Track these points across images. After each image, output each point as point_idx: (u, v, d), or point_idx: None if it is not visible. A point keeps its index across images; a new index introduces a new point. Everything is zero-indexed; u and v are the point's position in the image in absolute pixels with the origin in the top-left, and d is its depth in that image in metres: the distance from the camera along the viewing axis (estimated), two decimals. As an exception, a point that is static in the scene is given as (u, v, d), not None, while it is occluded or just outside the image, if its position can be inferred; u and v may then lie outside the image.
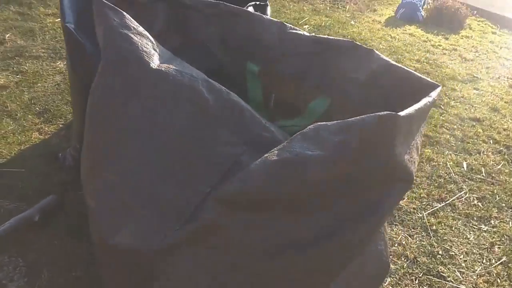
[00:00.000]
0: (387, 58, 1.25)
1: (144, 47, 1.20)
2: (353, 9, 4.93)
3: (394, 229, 2.09)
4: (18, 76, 2.61)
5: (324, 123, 1.04)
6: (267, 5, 2.07)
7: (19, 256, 1.59)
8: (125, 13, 1.24)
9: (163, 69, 1.18)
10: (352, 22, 4.46)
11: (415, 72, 1.19)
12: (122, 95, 1.17)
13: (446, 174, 2.49)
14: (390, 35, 4.31)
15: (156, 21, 1.34)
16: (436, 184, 2.40)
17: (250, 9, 1.92)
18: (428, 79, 1.16)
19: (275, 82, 1.41)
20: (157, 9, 1.33)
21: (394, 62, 1.24)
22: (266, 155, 1.06)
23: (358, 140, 0.97)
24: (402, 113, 0.94)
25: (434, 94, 1.07)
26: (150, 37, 1.24)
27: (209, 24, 1.37)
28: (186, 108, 1.17)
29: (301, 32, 1.35)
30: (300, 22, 4.17)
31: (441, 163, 2.57)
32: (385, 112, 0.94)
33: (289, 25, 1.36)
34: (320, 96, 1.36)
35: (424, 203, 2.28)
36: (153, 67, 1.18)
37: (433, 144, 2.74)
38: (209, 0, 1.35)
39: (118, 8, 1.23)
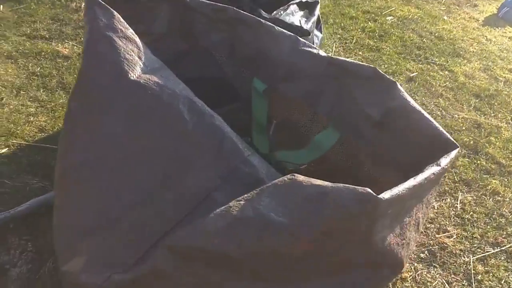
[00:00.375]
0: (408, 97, 1.02)
1: (128, 53, 1.08)
2: (450, 2, 4.44)
3: (432, 271, 1.83)
4: (82, 47, 2.62)
5: (302, 179, 0.86)
6: (317, 3, 1.85)
7: (29, 240, 1.57)
8: (115, 13, 1.11)
9: (142, 81, 1.05)
10: (445, 17, 4.02)
11: (436, 124, 0.96)
12: (96, 107, 1.06)
13: (510, 214, 2.15)
14: (485, 36, 3.82)
15: (157, 22, 1.20)
16: (495, 224, 2.08)
17: (293, 7, 1.72)
18: (448, 136, 0.92)
19: (281, 104, 1.22)
20: (159, 9, 1.19)
21: (415, 104, 1.01)
22: (230, 204, 0.91)
23: (329, 215, 0.78)
24: (386, 196, 0.74)
25: (444, 161, 0.84)
26: (138, 42, 1.11)
27: (215, 30, 1.21)
28: (161, 129, 1.04)
29: (315, 50, 1.14)
30: (383, 12, 3.82)
31: (508, 199, 2.23)
32: (366, 191, 0.74)
33: (303, 40, 1.16)
34: (329, 128, 1.16)
35: (474, 245, 1.98)
36: (132, 77, 1.05)
37: (504, 174, 2.38)
38: (217, 4, 1.19)
39: (108, 7, 1.11)
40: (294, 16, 1.69)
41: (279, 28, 1.16)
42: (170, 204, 1.00)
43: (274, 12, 1.63)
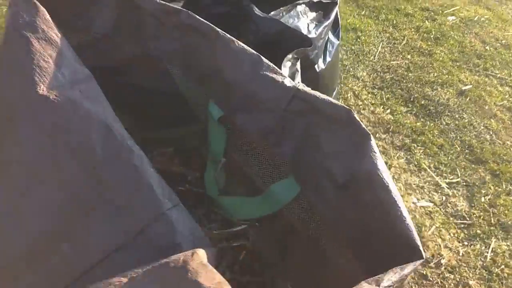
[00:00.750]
0: (380, 161, 0.75)
1: (43, 59, 0.87)
2: (529, 4, 3.91)
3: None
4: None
5: (193, 268, 0.64)
6: (335, 4, 1.56)
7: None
8: (41, 9, 0.91)
9: (52, 96, 0.84)
10: (518, 22, 3.52)
11: (405, 212, 0.68)
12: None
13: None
14: None
15: (99, 20, 0.99)
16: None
17: (301, 7, 1.44)
18: (415, 239, 0.65)
19: (238, 138, 0.98)
20: (101, 4, 0.97)
21: (385, 173, 0.73)
22: (110, 280, 0.70)
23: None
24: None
25: (387, 281, 0.57)
26: (62, 46, 0.90)
27: (167, 36, 0.98)
28: (66, 161, 0.83)
29: (280, 78, 0.88)
30: (445, 11, 3.40)
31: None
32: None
33: (268, 63, 0.90)
34: (289, 178, 0.90)
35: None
36: (40, 91, 0.84)
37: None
38: (168, 5, 0.95)
39: (36, 2, 0.91)
40: (300, 19, 1.42)
41: (240, 44, 0.91)
42: (63, 261, 0.80)
43: (273, 12, 1.36)
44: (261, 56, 0.90)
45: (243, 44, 0.91)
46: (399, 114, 2.48)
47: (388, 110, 2.50)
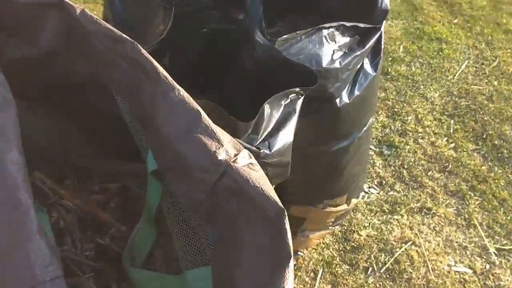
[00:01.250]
0: None
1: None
2: None
3: None
4: None
5: None
6: (378, 30, 1.31)
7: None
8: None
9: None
10: None
11: None
12: None
13: None
14: None
15: (46, 34, 0.87)
16: None
17: (328, 31, 1.23)
18: None
19: (171, 198, 0.82)
20: (46, 17, 0.85)
21: None
22: None
23: None
24: None
25: None
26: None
27: (115, 64, 0.83)
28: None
29: (215, 145, 0.70)
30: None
31: None
32: None
33: (207, 124, 0.72)
34: (208, 268, 0.73)
35: None
36: None
37: None
38: (115, 32, 0.80)
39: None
40: (324, 45, 1.19)
41: (182, 94, 0.74)
42: None
43: (287, 36, 1.16)
44: (202, 114, 0.73)
45: (185, 95, 0.74)
46: (463, 152, 2.15)
47: (452, 144, 2.18)
